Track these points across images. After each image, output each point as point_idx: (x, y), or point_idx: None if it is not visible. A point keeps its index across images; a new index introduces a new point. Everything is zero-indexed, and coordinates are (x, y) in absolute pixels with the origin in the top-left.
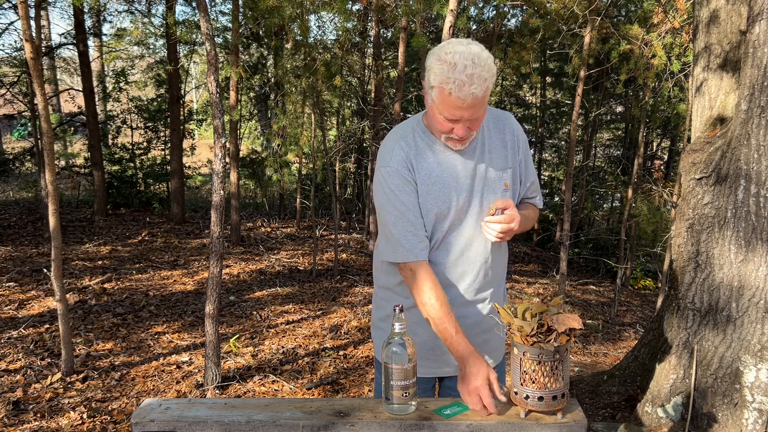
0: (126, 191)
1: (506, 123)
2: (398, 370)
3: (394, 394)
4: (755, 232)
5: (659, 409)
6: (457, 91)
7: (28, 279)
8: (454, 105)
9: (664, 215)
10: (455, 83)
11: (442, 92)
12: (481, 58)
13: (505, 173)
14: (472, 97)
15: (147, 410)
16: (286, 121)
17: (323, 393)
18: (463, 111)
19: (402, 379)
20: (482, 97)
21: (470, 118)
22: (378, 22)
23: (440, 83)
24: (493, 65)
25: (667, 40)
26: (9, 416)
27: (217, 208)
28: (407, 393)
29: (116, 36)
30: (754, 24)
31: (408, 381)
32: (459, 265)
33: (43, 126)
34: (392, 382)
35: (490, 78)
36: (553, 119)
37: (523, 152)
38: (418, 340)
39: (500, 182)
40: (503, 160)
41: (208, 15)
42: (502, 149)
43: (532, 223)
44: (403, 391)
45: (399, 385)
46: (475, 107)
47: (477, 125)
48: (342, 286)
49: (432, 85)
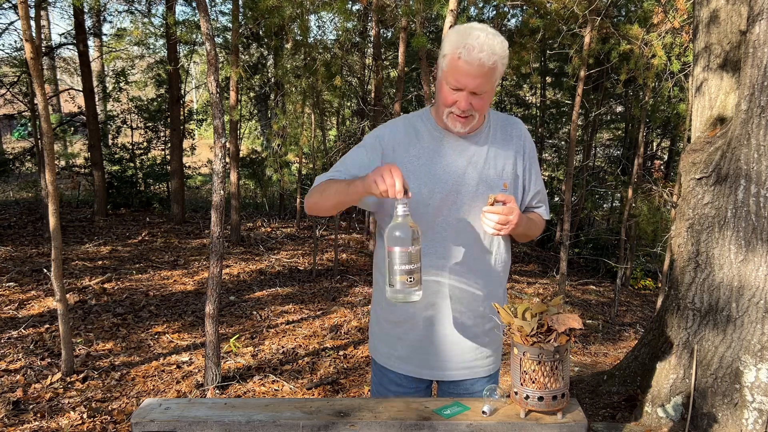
0: (126, 191)
1: (514, 127)
2: (402, 253)
3: (398, 280)
4: (755, 232)
5: (659, 409)
6: (466, 54)
7: (28, 279)
8: (462, 71)
9: (664, 215)
10: (465, 47)
11: (452, 58)
12: (496, 38)
13: (505, 173)
14: (479, 62)
15: (147, 410)
16: (286, 121)
17: (323, 393)
18: (469, 79)
19: (406, 263)
20: (489, 69)
21: (474, 89)
22: (378, 22)
23: (452, 50)
24: (506, 49)
25: (667, 40)
26: (9, 416)
27: (217, 208)
28: (412, 278)
29: (116, 36)
30: (754, 24)
31: (412, 265)
32: (444, 258)
33: (43, 126)
34: (395, 267)
35: (501, 54)
36: (553, 119)
37: (529, 159)
38: (407, 342)
39: (499, 181)
40: (504, 161)
41: (208, 15)
42: (505, 150)
43: (538, 230)
44: (408, 276)
45: (403, 270)
46: (482, 77)
47: (481, 105)
48: (342, 286)
49: (444, 53)
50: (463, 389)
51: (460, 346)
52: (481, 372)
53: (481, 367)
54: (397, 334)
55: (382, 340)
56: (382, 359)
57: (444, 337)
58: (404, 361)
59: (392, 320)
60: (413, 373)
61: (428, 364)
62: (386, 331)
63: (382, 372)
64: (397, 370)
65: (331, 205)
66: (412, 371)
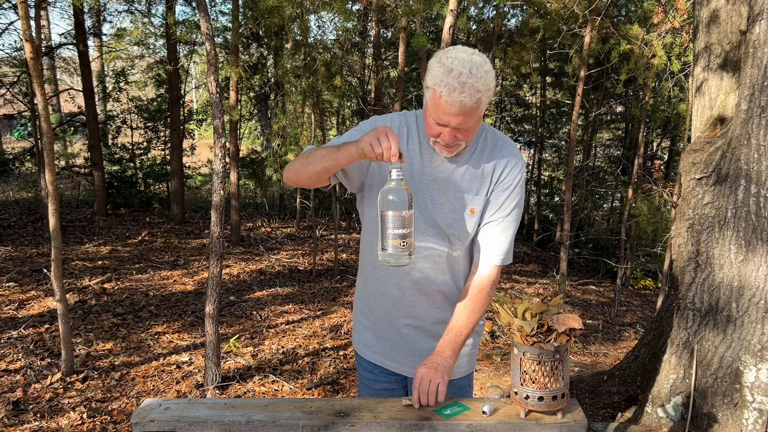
0: (126, 191)
1: (504, 156)
2: (395, 217)
3: (390, 244)
4: (755, 232)
5: (659, 409)
6: (447, 95)
7: (28, 279)
8: (443, 109)
9: (664, 215)
10: (446, 87)
11: (434, 94)
12: (480, 70)
13: (475, 198)
14: (460, 104)
15: (147, 410)
16: (286, 121)
17: (323, 393)
18: (451, 117)
19: (399, 227)
20: (471, 108)
21: (457, 126)
22: (378, 22)
23: (434, 85)
24: (491, 80)
25: (667, 40)
26: (9, 416)
27: (217, 208)
28: (404, 243)
29: (116, 36)
30: (754, 24)
31: (405, 230)
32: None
33: (43, 126)
34: (389, 231)
35: (484, 91)
36: (553, 119)
37: (500, 191)
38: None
39: (468, 206)
40: (479, 185)
41: (208, 15)
42: (481, 176)
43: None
44: (401, 240)
45: (396, 234)
46: (464, 116)
47: (467, 136)
48: (342, 286)
49: (427, 85)
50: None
51: (421, 344)
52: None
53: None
54: (366, 322)
55: (356, 328)
56: (356, 345)
57: (406, 332)
58: (372, 350)
59: (364, 310)
60: (391, 368)
61: (391, 356)
62: (358, 318)
63: (359, 362)
64: (367, 358)
65: (315, 171)
66: (379, 361)
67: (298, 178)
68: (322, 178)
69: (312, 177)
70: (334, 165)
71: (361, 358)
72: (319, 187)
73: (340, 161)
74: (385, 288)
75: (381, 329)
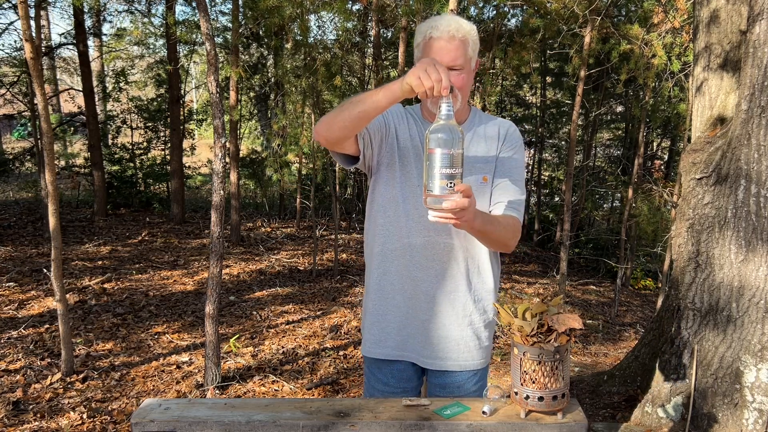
0: (126, 191)
1: (504, 124)
2: (444, 155)
3: (437, 184)
4: (755, 232)
5: (659, 409)
6: (436, 32)
7: (28, 279)
8: (434, 47)
9: (664, 215)
10: (434, 27)
11: (424, 41)
12: (463, 20)
13: (486, 166)
14: (449, 34)
15: (147, 410)
16: (286, 121)
17: (323, 393)
18: (443, 53)
19: (448, 165)
20: (460, 40)
21: (450, 63)
22: (378, 22)
23: (422, 35)
24: (474, 29)
25: (667, 40)
26: (9, 416)
27: (217, 208)
28: (452, 183)
29: (116, 36)
30: (755, 24)
31: (454, 169)
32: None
33: (43, 126)
34: (435, 170)
35: (469, 29)
36: (553, 119)
37: (508, 149)
38: (391, 322)
39: (480, 175)
40: (486, 148)
41: (208, 15)
42: (486, 138)
43: (505, 231)
44: (448, 180)
45: (444, 174)
46: (455, 51)
47: (460, 83)
48: (342, 286)
49: (417, 43)
50: (451, 381)
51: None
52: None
53: (466, 360)
54: (379, 317)
55: (369, 329)
56: (370, 348)
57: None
58: (382, 345)
59: (377, 306)
60: (397, 357)
61: (407, 346)
62: (370, 316)
63: (370, 369)
64: (382, 356)
65: (352, 116)
66: (393, 355)
67: (331, 128)
68: (358, 126)
69: (347, 125)
70: (372, 109)
71: (374, 368)
72: (348, 152)
73: (380, 103)
74: (400, 274)
75: (398, 317)
